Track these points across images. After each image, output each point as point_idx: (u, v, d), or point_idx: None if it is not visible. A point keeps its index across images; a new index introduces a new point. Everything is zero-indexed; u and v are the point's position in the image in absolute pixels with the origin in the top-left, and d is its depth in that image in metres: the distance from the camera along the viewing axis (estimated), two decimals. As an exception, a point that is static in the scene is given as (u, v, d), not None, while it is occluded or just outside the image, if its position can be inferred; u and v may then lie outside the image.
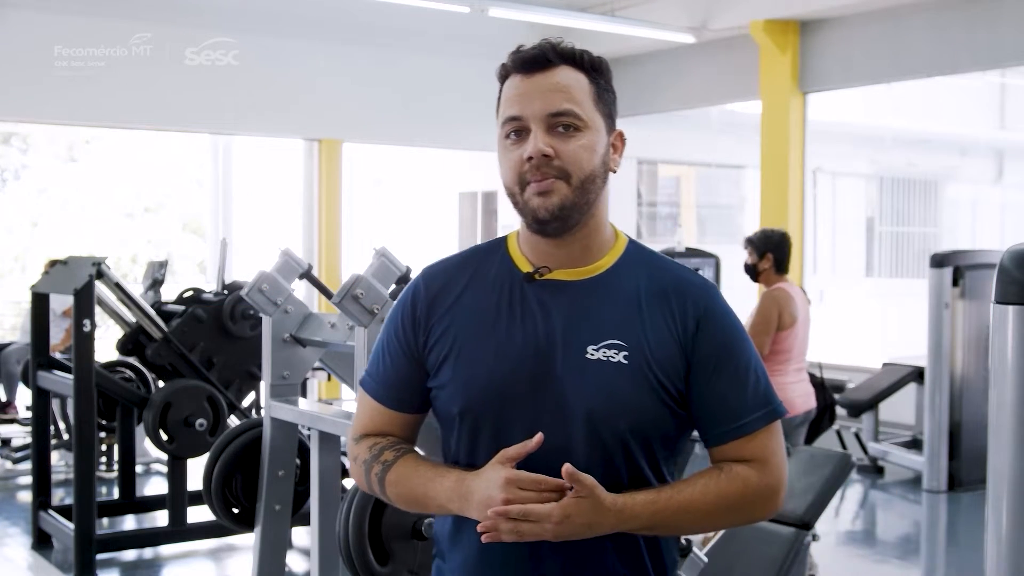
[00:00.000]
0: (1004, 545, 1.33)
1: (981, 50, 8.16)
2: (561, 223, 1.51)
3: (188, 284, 6.45)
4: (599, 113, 1.54)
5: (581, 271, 1.55)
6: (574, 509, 1.40)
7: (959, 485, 6.56)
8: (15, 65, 8.30)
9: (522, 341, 1.51)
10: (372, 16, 9.46)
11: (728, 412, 1.52)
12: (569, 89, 1.51)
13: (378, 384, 1.62)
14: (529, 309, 1.53)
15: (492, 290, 1.56)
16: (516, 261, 1.57)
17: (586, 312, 1.52)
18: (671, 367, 1.50)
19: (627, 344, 1.50)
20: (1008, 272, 1.33)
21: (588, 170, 1.52)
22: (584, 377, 1.48)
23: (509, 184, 1.54)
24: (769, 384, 1.56)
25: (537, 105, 1.50)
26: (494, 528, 1.39)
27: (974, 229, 12.67)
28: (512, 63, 1.54)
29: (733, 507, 1.51)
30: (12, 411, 7.50)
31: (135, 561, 5.15)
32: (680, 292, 1.54)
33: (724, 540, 3.43)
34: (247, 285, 3.73)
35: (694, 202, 13.74)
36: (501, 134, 1.55)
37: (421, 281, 1.60)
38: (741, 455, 1.53)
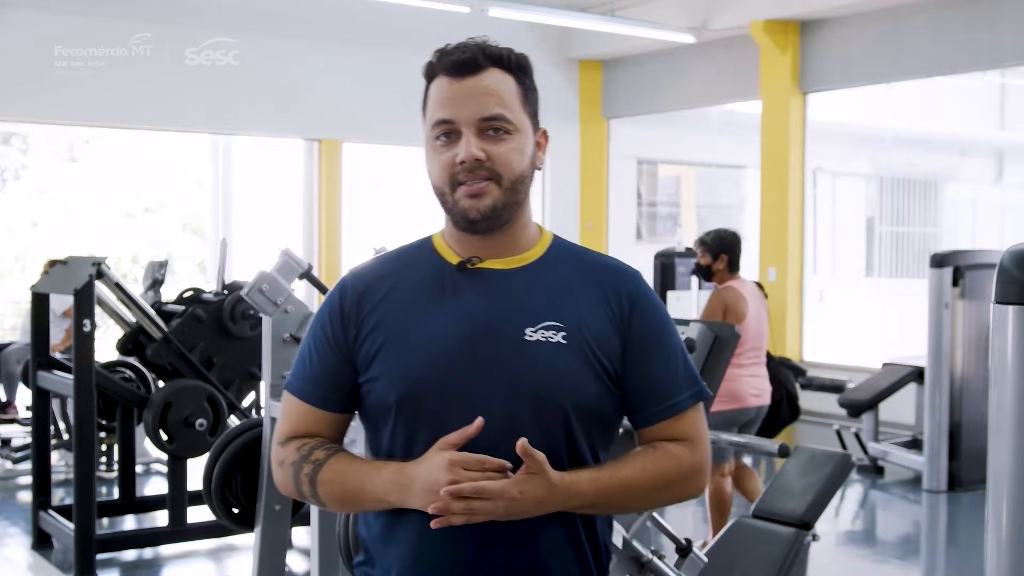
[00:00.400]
0: (1004, 545, 1.34)
1: (981, 50, 8.16)
2: (491, 223, 1.53)
3: (188, 284, 6.45)
4: (526, 114, 1.57)
5: (511, 260, 1.57)
6: (527, 485, 1.42)
7: (959, 485, 6.56)
8: (15, 65, 8.30)
9: (458, 328, 1.52)
10: (372, 16, 9.46)
11: (661, 392, 1.57)
12: (499, 93, 1.54)
13: (305, 383, 1.60)
14: (462, 297, 1.54)
15: (422, 283, 1.57)
16: (444, 255, 1.59)
17: (520, 297, 1.54)
18: (609, 347, 1.54)
19: (565, 325, 1.52)
20: (1008, 272, 1.33)
21: (518, 172, 1.54)
22: (524, 358, 1.50)
23: (439, 184, 1.55)
24: (694, 366, 1.62)
25: (469, 109, 1.52)
26: (446, 510, 1.39)
27: (974, 229, 12.66)
28: (441, 64, 1.57)
29: (668, 485, 1.55)
30: (12, 411, 7.50)
31: (135, 561, 5.15)
32: (610, 276, 1.58)
33: (724, 540, 3.43)
34: (247, 285, 3.73)
35: (694, 202, 13.73)
36: (430, 135, 1.56)
37: (348, 280, 1.61)
38: (672, 434, 1.57)
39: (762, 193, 9.48)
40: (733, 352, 3.50)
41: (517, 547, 1.50)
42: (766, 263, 9.38)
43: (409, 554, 1.52)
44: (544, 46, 10.64)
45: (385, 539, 1.55)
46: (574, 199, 11.30)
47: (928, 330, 6.63)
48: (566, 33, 10.59)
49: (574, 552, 1.54)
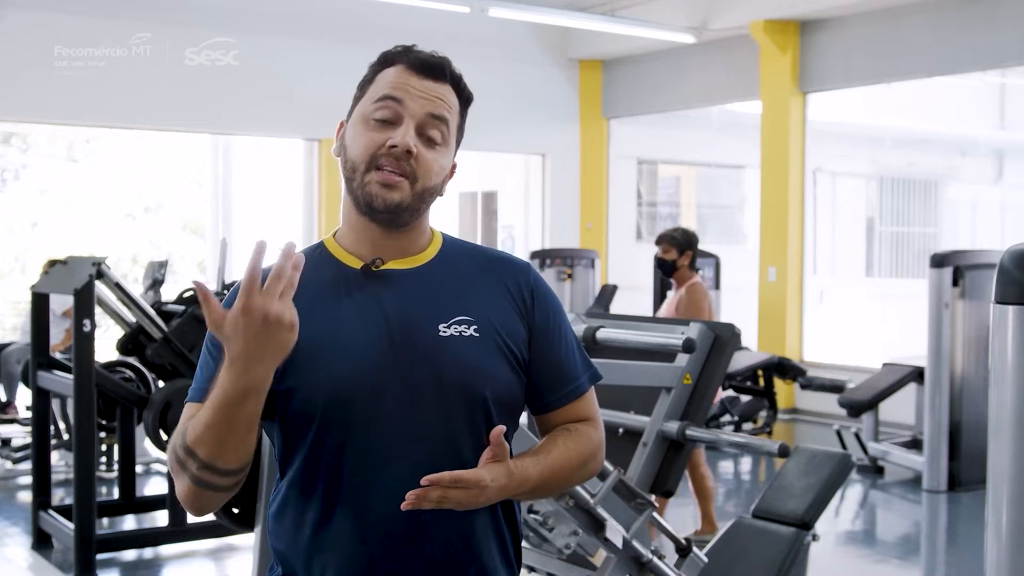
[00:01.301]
0: (1004, 545, 1.34)
1: (981, 50, 8.16)
2: (391, 218, 1.53)
3: (188, 284, 6.45)
4: (455, 140, 1.60)
5: (412, 260, 1.58)
6: (495, 472, 1.45)
7: (959, 485, 6.56)
8: (15, 65, 8.30)
9: (374, 330, 1.51)
10: (372, 16, 9.46)
11: (565, 375, 1.61)
12: (449, 106, 1.57)
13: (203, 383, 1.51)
14: (370, 300, 1.54)
15: (326, 290, 1.55)
16: (343, 259, 1.58)
17: (428, 295, 1.55)
18: (517, 335, 1.57)
19: (475, 319, 1.54)
20: (1008, 272, 1.33)
21: (431, 183, 1.55)
22: (442, 354, 1.51)
23: (356, 159, 1.54)
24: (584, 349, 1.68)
25: (420, 104, 1.54)
26: (423, 496, 1.39)
27: (974, 229, 12.67)
28: (406, 57, 1.58)
29: (585, 463, 1.60)
30: (12, 411, 7.50)
31: (135, 561, 5.15)
32: (507, 269, 1.62)
33: (724, 540, 3.43)
34: (247, 285, 3.73)
35: (694, 202, 13.74)
36: (367, 110, 1.56)
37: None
38: (576, 415, 1.62)
39: (762, 193, 9.48)
40: (733, 352, 3.50)
41: (453, 539, 1.52)
42: (766, 263, 9.38)
43: (342, 559, 1.51)
44: (544, 46, 10.64)
45: (311, 548, 1.54)
46: (574, 199, 11.30)
47: (928, 330, 6.63)
48: (566, 33, 10.59)
49: (498, 539, 1.58)
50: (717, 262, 8.95)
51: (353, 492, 1.50)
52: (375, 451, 1.49)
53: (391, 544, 1.50)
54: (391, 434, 1.49)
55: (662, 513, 3.99)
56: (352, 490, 1.50)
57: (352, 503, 1.50)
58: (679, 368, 3.20)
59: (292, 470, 1.54)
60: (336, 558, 1.51)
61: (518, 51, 10.51)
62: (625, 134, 11.36)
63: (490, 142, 10.86)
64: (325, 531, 1.52)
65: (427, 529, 1.50)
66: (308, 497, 1.53)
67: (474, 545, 1.54)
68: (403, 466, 1.47)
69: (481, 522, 1.54)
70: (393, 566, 1.50)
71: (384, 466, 1.49)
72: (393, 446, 1.48)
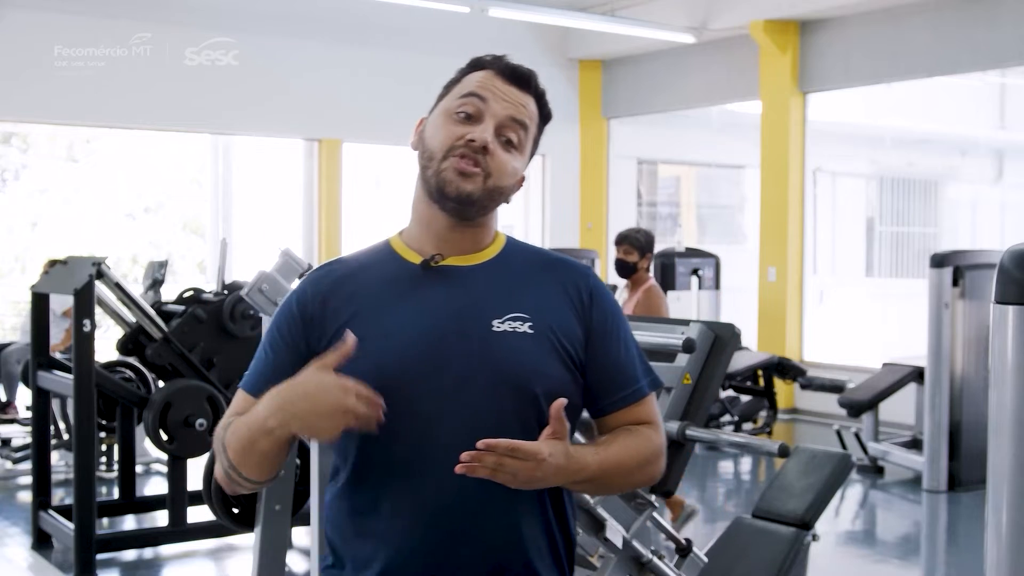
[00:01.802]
0: (1004, 545, 1.34)
1: (981, 50, 8.16)
2: (460, 209, 1.56)
3: (188, 284, 6.45)
4: (529, 150, 1.63)
5: (472, 257, 1.61)
6: (554, 448, 1.44)
7: (959, 485, 6.56)
8: (15, 65, 8.30)
9: (427, 323, 1.54)
10: (372, 16, 9.46)
11: (625, 378, 1.62)
12: (530, 115, 1.61)
13: (257, 378, 1.58)
14: (428, 294, 1.57)
15: (385, 284, 1.59)
16: (405, 256, 1.62)
17: (485, 291, 1.58)
18: (572, 335, 1.58)
19: (530, 316, 1.56)
20: (1008, 272, 1.33)
21: (503, 183, 1.58)
22: (494, 348, 1.53)
23: (434, 147, 1.58)
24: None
25: (503, 106, 1.57)
26: (478, 460, 1.39)
27: (974, 229, 12.66)
28: (496, 64, 1.62)
29: (645, 465, 1.60)
30: (12, 411, 7.50)
31: (135, 561, 5.15)
32: (565, 270, 1.64)
33: (724, 540, 3.43)
34: (247, 285, 3.73)
35: (694, 202, 13.73)
36: (451, 105, 1.59)
37: (308, 285, 1.62)
38: (636, 419, 1.63)
39: (762, 193, 9.48)
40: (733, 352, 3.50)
41: (500, 533, 1.53)
42: (766, 263, 9.38)
43: (389, 548, 1.52)
44: (544, 46, 10.64)
45: (359, 535, 1.55)
46: (574, 199, 11.30)
47: (928, 330, 6.63)
48: (566, 33, 10.59)
49: (547, 538, 1.57)
50: (717, 262, 8.94)
51: (402, 482, 1.52)
52: (424, 442, 1.51)
53: (438, 535, 1.51)
54: (440, 426, 1.51)
55: (662, 513, 4.00)
56: (401, 480, 1.52)
57: (400, 493, 1.52)
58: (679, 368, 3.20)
59: (345, 460, 1.58)
60: (384, 547, 1.53)
61: (518, 51, 10.33)
62: (625, 134, 11.36)
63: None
64: (374, 520, 1.54)
65: (475, 522, 1.51)
66: (359, 487, 1.56)
67: (522, 542, 1.54)
68: (452, 458, 1.46)
69: (529, 519, 1.54)
70: (439, 557, 1.52)
71: (432, 457, 1.50)
72: (442, 438, 1.50)
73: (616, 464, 1.54)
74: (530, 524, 1.55)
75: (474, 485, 1.45)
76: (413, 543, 1.52)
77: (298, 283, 1.62)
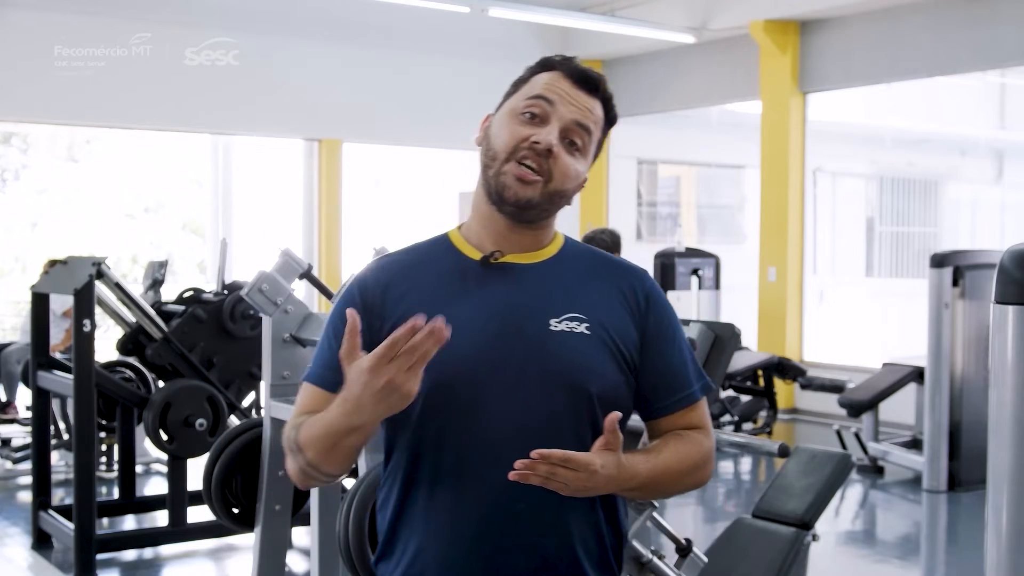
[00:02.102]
0: (1004, 545, 1.34)
1: (981, 50, 8.16)
2: (519, 213, 1.57)
3: (188, 284, 6.45)
4: (592, 155, 1.64)
5: (531, 255, 1.62)
6: (606, 460, 1.45)
7: (959, 485, 6.56)
8: (15, 65, 8.30)
9: (485, 319, 1.55)
10: (372, 16, 9.46)
11: (676, 383, 1.63)
12: (595, 120, 1.61)
13: (320, 369, 1.59)
14: (486, 291, 1.57)
15: (444, 278, 1.59)
16: (464, 251, 1.62)
17: (543, 289, 1.58)
18: (628, 337, 1.59)
19: (586, 317, 1.57)
20: (1008, 272, 1.33)
21: (564, 187, 1.59)
22: (551, 347, 1.54)
23: (499, 148, 1.57)
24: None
25: (570, 110, 1.57)
26: (531, 468, 1.39)
27: (974, 229, 12.66)
28: (566, 67, 1.62)
29: (694, 470, 1.61)
30: (12, 411, 7.50)
31: (135, 561, 5.15)
32: (623, 274, 1.65)
33: (724, 540, 3.43)
34: (247, 285, 3.73)
35: (694, 202, 13.73)
36: (519, 104, 1.59)
37: (368, 273, 1.62)
38: (689, 423, 1.64)
39: (762, 193, 9.48)
40: (733, 352, 3.50)
41: (548, 533, 1.53)
42: (766, 263, 9.38)
43: (439, 543, 1.54)
44: (544, 46, 10.63)
45: (409, 528, 1.56)
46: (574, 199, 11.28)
47: (928, 330, 6.63)
48: (566, 33, 10.59)
49: (596, 538, 1.58)
50: (717, 262, 8.94)
51: (453, 478, 1.53)
52: (476, 438, 1.52)
53: (486, 532, 1.52)
54: (493, 422, 1.51)
55: (662, 513, 4.00)
56: (452, 476, 1.53)
57: (451, 489, 1.53)
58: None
59: (397, 455, 1.58)
60: (433, 542, 1.54)
61: (518, 51, 10.49)
62: (625, 134, 11.35)
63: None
64: (424, 515, 1.55)
65: (524, 518, 1.51)
66: (410, 482, 1.56)
67: (570, 539, 1.55)
68: (503, 454, 1.48)
69: (579, 517, 1.55)
70: (487, 554, 1.52)
71: (484, 454, 1.51)
72: (494, 434, 1.51)
73: (665, 471, 1.56)
74: (579, 522, 1.55)
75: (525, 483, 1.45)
76: (462, 539, 1.53)
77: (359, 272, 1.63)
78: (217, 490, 3.88)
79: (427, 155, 12.73)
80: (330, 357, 1.58)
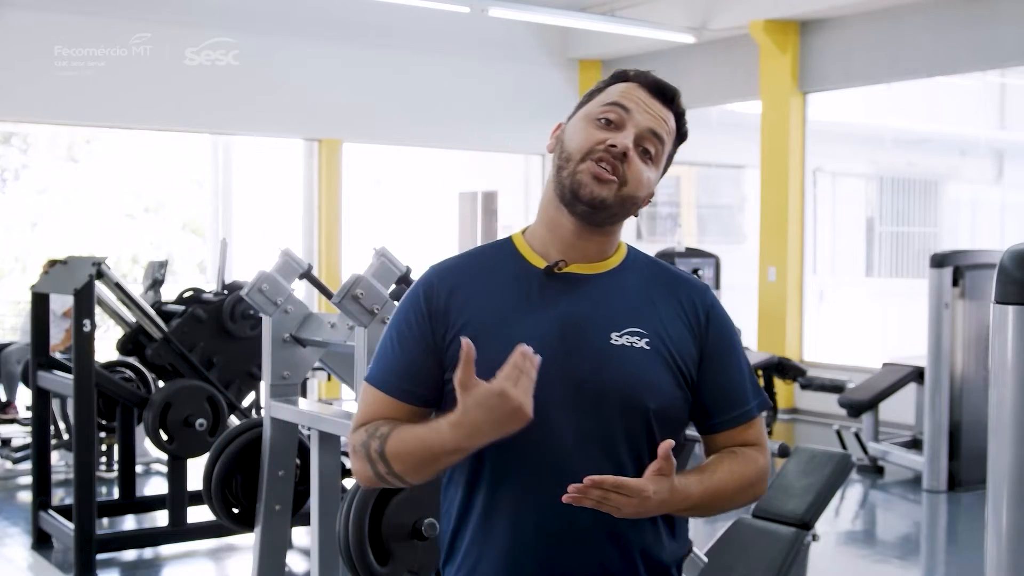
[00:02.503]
0: (1004, 545, 1.34)
1: (981, 50, 8.16)
2: (591, 214, 1.57)
3: (188, 284, 6.45)
4: (663, 167, 1.65)
5: (595, 266, 1.62)
6: (658, 486, 1.47)
7: (959, 485, 6.56)
8: (15, 65, 8.29)
9: (546, 329, 1.55)
10: (372, 16, 9.46)
11: (734, 399, 1.64)
12: (669, 130, 1.64)
13: (385, 374, 1.61)
14: (549, 301, 1.58)
15: (508, 285, 1.60)
16: (529, 258, 1.62)
17: (606, 302, 1.59)
18: (687, 353, 1.59)
19: (647, 332, 1.57)
20: (1008, 272, 1.33)
21: (637, 194, 1.59)
22: (610, 360, 1.54)
23: (573, 148, 1.58)
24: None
25: (645, 118, 1.60)
26: (583, 493, 1.42)
27: (974, 229, 12.65)
28: (642, 78, 1.66)
29: (749, 487, 1.62)
30: (12, 411, 7.50)
31: (135, 561, 5.15)
32: (685, 288, 1.65)
33: (724, 540, 3.43)
34: (247, 285, 3.73)
35: (694, 202, 13.72)
36: (593, 111, 1.61)
37: (434, 276, 1.63)
38: (745, 439, 1.65)
39: (762, 193, 9.48)
40: None
41: (605, 541, 1.54)
42: (766, 263, 9.38)
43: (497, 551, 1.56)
44: (544, 46, 10.64)
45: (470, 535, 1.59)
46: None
47: (928, 330, 6.63)
48: (566, 33, 10.59)
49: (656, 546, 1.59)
50: (717, 262, 8.94)
51: (512, 487, 1.55)
52: (535, 448, 1.53)
53: (545, 541, 1.54)
54: (552, 433, 1.52)
55: None
56: (511, 485, 1.55)
57: (510, 497, 1.55)
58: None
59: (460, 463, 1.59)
60: (491, 549, 1.56)
61: (518, 51, 10.51)
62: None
63: (490, 142, 10.86)
64: (484, 523, 1.57)
65: (581, 529, 1.53)
66: (471, 488, 1.58)
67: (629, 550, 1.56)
68: (560, 465, 1.51)
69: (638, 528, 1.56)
70: (546, 563, 1.54)
71: (543, 464, 1.53)
72: (553, 445, 1.52)
73: (719, 491, 1.57)
74: (639, 532, 1.56)
75: None
76: (521, 547, 1.54)
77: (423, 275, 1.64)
78: (217, 490, 3.88)
79: (427, 155, 12.74)
80: (392, 362, 1.61)
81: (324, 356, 3.89)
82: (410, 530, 2.85)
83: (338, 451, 3.45)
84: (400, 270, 3.58)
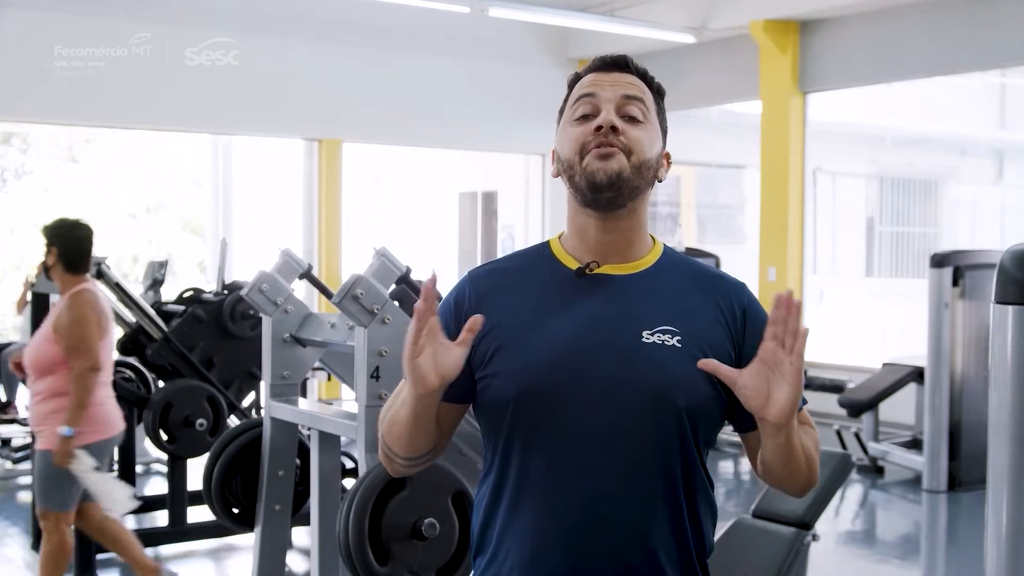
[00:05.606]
0: (1004, 545, 1.34)
1: (981, 50, 8.16)
2: (614, 194, 1.57)
3: (188, 284, 6.45)
4: (658, 124, 1.65)
5: (627, 266, 1.62)
6: None
7: (959, 485, 6.56)
8: (15, 65, 8.30)
9: (577, 328, 1.56)
10: (372, 16, 9.46)
11: None
12: (640, 89, 1.64)
13: None
14: (581, 301, 1.59)
15: (541, 287, 1.61)
16: (563, 260, 1.64)
17: (637, 301, 1.59)
18: (722, 351, 1.58)
19: (679, 330, 1.57)
20: (1008, 272, 1.33)
21: (646, 156, 1.59)
22: (641, 357, 1.54)
23: (569, 156, 1.59)
24: None
25: (612, 91, 1.61)
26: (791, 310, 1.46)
27: (974, 229, 12.66)
28: (589, 66, 1.66)
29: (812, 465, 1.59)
30: (12, 411, 7.50)
31: (135, 561, 5.15)
32: (720, 286, 1.65)
33: (724, 540, 3.43)
34: (247, 285, 3.73)
35: (694, 202, 13.73)
36: (568, 117, 1.62)
37: (468, 281, 1.66)
38: None
39: (762, 193, 9.48)
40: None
41: (630, 539, 1.54)
42: (766, 263, 9.38)
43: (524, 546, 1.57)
44: (544, 46, 10.64)
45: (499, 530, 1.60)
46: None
47: (928, 330, 6.63)
48: (566, 33, 10.59)
49: (679, 547, 1.58)
50: (717, 262, 8.94)
51: (538, 483, 1.55)
52: (561, 445, 1.54)
53: (570, 537, 1.54)
54: (578, 430, 1.53)
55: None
56: (537, 481, 1.55)
57: (537, 493, 1.55)
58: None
59: (490, 457, 1.62)
60: (518, 545, 1.57)
61: (518, 51, 10.51)
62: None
63: (490, 142, 10.86)
64: (512, 517, 1.58)
65: (606, 527, 1.53)
66: (501, 484, 1.59)
67: (653, 548, 1.55)
68: (587, 463, 1.51)
69: (662, 526, 1.56)
70: (570, 559, 1.54)
71: (569, 461, 1.54)
72: (579, 442, 1.53)
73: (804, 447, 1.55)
74: (663, 530, 1.56)
75: (608, 490, 1.51)
76: (546, 543, 1.55)
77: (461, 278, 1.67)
78: (217, 490, 3.88)
79: (427, 155, 12.74)
80: None
81: (324, 356, 3.90)
82: (410, 530, 2.85)
83: (338, 451, 3.45)
84: (400, 270, 3.57)
